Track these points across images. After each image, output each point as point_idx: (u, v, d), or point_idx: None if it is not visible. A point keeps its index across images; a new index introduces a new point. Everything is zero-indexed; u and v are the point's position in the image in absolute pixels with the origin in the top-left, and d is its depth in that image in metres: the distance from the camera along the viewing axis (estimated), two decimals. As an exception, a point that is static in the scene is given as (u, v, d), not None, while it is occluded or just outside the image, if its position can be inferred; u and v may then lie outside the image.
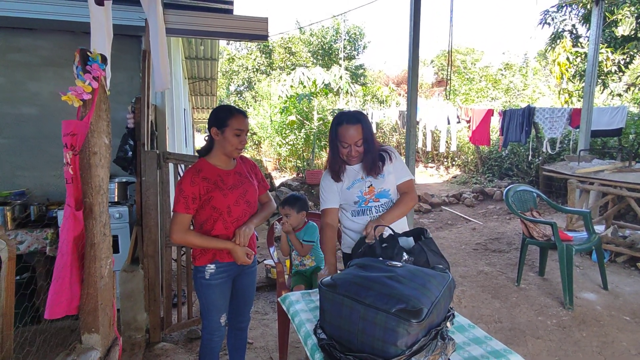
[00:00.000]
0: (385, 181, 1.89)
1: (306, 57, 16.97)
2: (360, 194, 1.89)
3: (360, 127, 1.80)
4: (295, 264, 2.53)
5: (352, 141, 1.81)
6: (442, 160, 11.52)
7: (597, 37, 5.19)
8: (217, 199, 1.76)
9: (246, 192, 1.86)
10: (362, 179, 1.89)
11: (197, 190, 1.74)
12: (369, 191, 1.89)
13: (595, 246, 3.34)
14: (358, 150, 1.83)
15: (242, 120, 1.79)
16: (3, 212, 2.74)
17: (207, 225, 1.80)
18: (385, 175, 1.89)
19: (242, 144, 1.81)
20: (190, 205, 1.73)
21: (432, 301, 1.12)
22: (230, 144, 1.78)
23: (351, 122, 1.80)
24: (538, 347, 2.57)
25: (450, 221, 6.35)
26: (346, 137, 1.80)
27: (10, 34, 3.21)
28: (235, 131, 1.77)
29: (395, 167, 1.92)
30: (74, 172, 1.36)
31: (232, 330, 2.07)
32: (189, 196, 1.72)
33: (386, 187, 1.89)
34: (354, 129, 1.79)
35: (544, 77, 13.17)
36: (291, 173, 10.49)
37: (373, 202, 1.89)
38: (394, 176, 1.92)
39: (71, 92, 1.31)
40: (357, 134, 1.80)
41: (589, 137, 5.40)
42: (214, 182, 1.78)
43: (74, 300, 1.39)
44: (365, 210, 1.91)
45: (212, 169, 1.81)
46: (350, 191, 1.90)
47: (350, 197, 1.91)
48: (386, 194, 1.90)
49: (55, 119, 3.31)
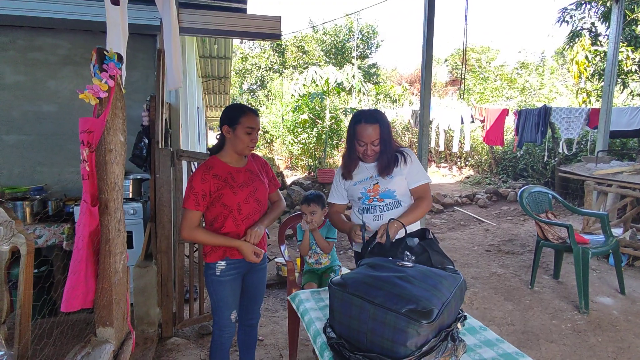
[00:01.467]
0: (393, 182, 1.88)
1: (319, 56, 16.97)
2: (364, 190, 1.90)
3: (378, 127, 1.81)
4: (310, 261, 2.53)
5: (369, 140, 1.82)
6: (455, 160, 11.39)
7: (617, 36, 5.06)
8: (228, 196, 1.77)
9: (256, 190, 1.87)
10: (371, 177, 1.90)
11: (208, 187, 1.75)
12: (373, 189, 1.89)
13: (613, 249, 3.26)
14: (374, 149, 1.84)
15: (253, 118, 1.81)
16: (22, 207, 2.82)
17: (217, 223, 1.82)
18: (394, 177, 1.88)
19: (253, 142, 1.82)
20: (200, 202, 1.74)
21: (442, 302, 1.11)
22: (241, 141, 1.79)
23: (369, 121, 1.82)
24: (552, 352, 2.53)
25: (463, 222, 6.28)
26: (363, 135, 1.82)
27: (31, 34, 3.29)
28: (247, 129, 1.78)
29: (410, 169, 1.91)
30: (90, 168, 1.38)
31: (242, 327, 2.08)
32: (199, 193, 1.74)
33: (392, 188, 1.89)
34: (371, 128, 1.80)
35: (561, 77, 12.90)
36: (303, 172, 10.51)
37: (377, 201, 1.90)
38: (407, 179, 1.91)
39: (88, 90, 1.34)
40: (375, 134, 1.81)
41: (607, 137, 5.27)
42: (225, 179, 1.79)
43: (89, 294, 1.42)
44: (370, 208, 1.91)
45: (223, 166, 1.82)
46: (356, 187, 1.92)
47: (355, 192, 1.93)
48: (391, 195, 1.89)
49: (74, 116, 3.38)
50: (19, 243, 1.40)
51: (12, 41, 3.27)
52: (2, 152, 3.31)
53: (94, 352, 1.34)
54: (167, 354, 2.53)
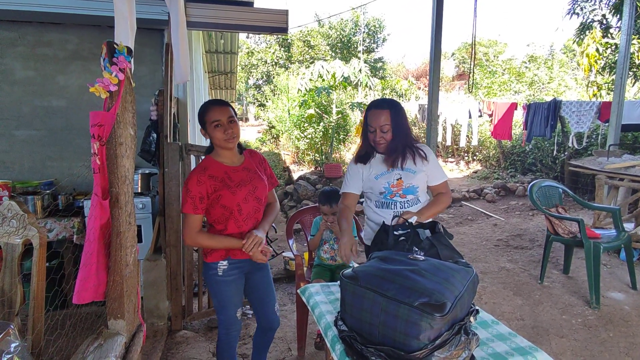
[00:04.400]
0: (416, 178, 1.87)
1: (325, 51, 16.89)
2: (387, 185, 1.87)
3: (388, 113, 1.81)
4: (325, 257, 2.52)
5: (377, 125, 1.81)
6: (462, 154, 11.30)
7: (630, 28, 4.96)
8: (226, 197, 1.72)
9: (255, 188, 1.81)
10: (389, 171, 1.88)
11: (205, 189, 1.70)
12: (397, 184, 1.87)
13: (625, 244, 3.22)
14: (383, 136, 1.83)
15: (215, 110, 1.73)
16: (33, 201, 2.85)
17: (219, 225, 1.77)
18: (417, 173, 1.87)
19: (228, 134, 1.72)
20: (198, 205, 1.69)
21: (455, 295, 1.10)
22: (216, 138, 1.73)
23: (379, 107, 1.84)
24: (562, 346, 2.51)
25: (471, 217, 6.24)
26: (372, 120, 1.82)
27: (39, 29, 3.30)
28: (213, 124, 1.71)
29: (430, 167, 1.91)
30: (101, 162, 1.39)
31: (260, 329, 2.01)
32: (195, 196, 1.69)
33: (415, 184, 1.87)
34: (380, 113, 1.81)
35: (570, 70, 12.71)
36: (309, 166, 10.49)
37: (399, 197, 1.87)
38: (427, 176, 1.91)
39: (99, 84, 1.34)
40: (384, 119, 1.80)
41: (619, 131, 5.18)
42: (221, 179, 1.73)
43: (100, 286, 1.42)
44: (390, 204, 1.89)
45: (218, 166, 1.77)
46: (377, 181, 1.89)
47: (376, 186, 1.89)
48: (414, 191, 1.88)
49: (83, 111, 3.40)
50: (31, 236, 1.42)
51: (22, 37, 3.28)
52: (13, 147, 3.34)
53: (106, 344, 1.36)
54: (176, 346, 2.56)
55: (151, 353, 2.38)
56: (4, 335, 1.09)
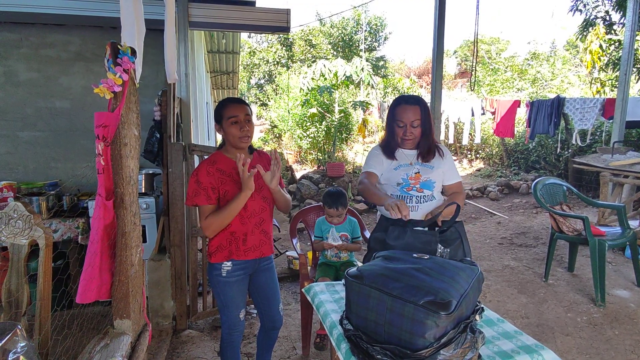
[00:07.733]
0: (434, 173, 1.87)
1: (326, 50, 16.86)
2: (405, 177, 1.86)
3: (419, 109, 1.82)
4: (329, 254, 2.52)
5: (409, 121, 1.81)
6: (465, 153, 11.27)
7: (634, 24, 4.92)
8: (233, 192, 1.72)
9: (262, 187, 1.81)
10: (411, 164, 1.87)
11: (214, 180, 1.72)
12: (415, 177, 1.86)
13: (630, 242, 3.20)
14: (413, 132, 1.83)
15: (234, 107, 1.74)
16: (38, 202, 2.86)
17: None
18: (435, 168, 1.87)
19: (244, 132, 1.74)
20: (211, 196, 1.71)
21: (461, 294, 1.10)
22: (230, 134, 1.74)
23: (409, 102, 1.84)
24: (567, 344, 2.50)
25: (474, 215, 6.23)
26: (402, 116, 1.82)
27: (42, 30, 3.32)
28: (231, 119, 1.73)
29: (446, 165, 1.92)
30: (106, 162, 1.39)
31: (263, 329, 2.02)
32: (207, 187, 1.70)
33: (433, 179, 1.87)
34: (411, 109, 1.82)
35: (573, 67, 12.63)
36: (312, 166, 10.49)
37: (416, 191, 1.86)
38: (444, 174, 1.92)
39: (103, 85, 1.34)
40: (414, 115, 1.81)
41: (623, 128, 5.15)
42: (229, 174, 1.75)
43: (103, 286, 1.43)
44: (405, 197, 1.86)
45: (227, 161, 1.78)
46: (396, 172, 1.88)
47: (394, 177, 1.88)
48: (431, 186, 1.87)
49: (86, 112, 3.41)
50: (37, 236, 1.42)
51: (25, 38, 3.30)
52: (17, 148, 3.36)
53: (112, 343, 1.36)
54: (181, 346, 2.57)
55: (157, 352, 2.39)
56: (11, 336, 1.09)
